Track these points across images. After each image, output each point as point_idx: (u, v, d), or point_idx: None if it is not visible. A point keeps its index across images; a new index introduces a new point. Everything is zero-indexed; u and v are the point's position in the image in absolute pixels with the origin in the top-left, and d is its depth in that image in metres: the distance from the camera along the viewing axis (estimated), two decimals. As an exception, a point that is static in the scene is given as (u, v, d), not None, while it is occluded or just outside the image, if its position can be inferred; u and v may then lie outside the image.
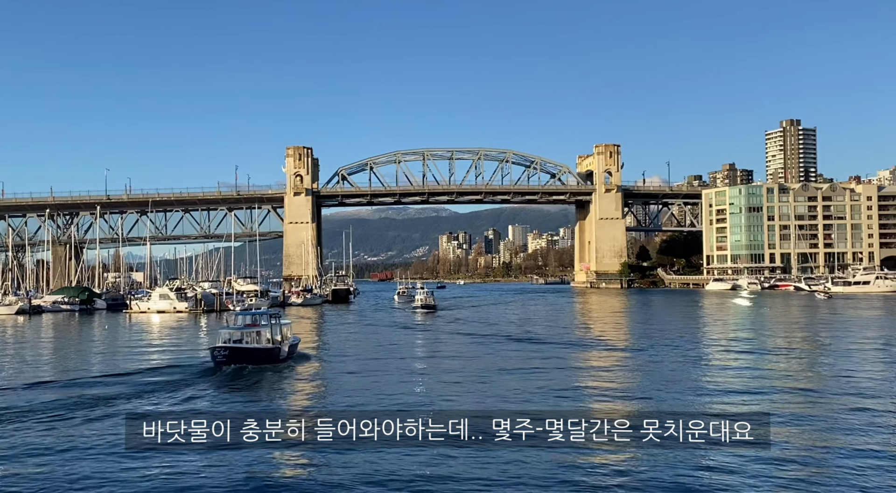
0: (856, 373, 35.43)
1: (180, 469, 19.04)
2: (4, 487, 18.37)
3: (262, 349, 38.44)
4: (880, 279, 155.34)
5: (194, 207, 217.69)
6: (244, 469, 19.10)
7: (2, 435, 23.52)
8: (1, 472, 19.55)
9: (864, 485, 18.52)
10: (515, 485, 17.88)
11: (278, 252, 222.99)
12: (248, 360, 37.72)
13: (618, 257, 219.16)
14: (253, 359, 37.85)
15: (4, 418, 26.01)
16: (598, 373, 37.54)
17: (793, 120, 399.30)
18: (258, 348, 38.36)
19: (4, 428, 24.47)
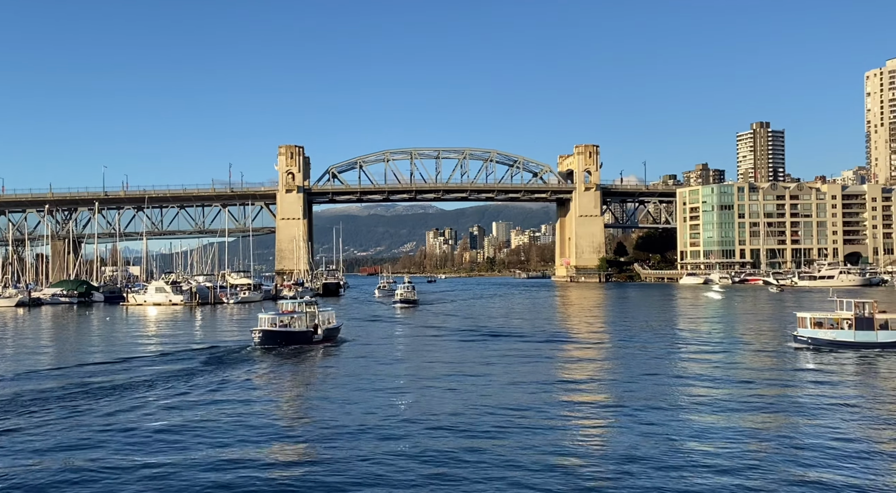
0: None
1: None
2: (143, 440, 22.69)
3: (298, 332, 45.78)
4: (843, 274, 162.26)
5: (189, 204, 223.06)
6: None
7: (129, 398, 29.69)
8: (161, 424, 24.37)
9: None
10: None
11: (271, 247, 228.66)
12: (286, 341, 44.96)
13: (596, 252, 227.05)
14: (289, 341, 45.14)
15: (135, 383, 32.97)
16: (575, 368, 37.73)
17: (762, 122, 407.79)
18: (294, 331, 45.70)
19: (129, 392, 31.02)
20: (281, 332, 45.41)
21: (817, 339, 43.54)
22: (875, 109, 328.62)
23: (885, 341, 41.89)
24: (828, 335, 43.20)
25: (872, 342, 41.94)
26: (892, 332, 42.24)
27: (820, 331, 43.65)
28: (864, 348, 41.52)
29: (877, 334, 42.12)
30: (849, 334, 42.56)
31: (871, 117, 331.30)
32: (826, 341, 43.04)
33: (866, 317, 42.67)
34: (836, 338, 42.82)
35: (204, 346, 48.73)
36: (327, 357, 43.28)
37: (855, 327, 42.51)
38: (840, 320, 43.21)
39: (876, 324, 42.41)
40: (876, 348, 41.57)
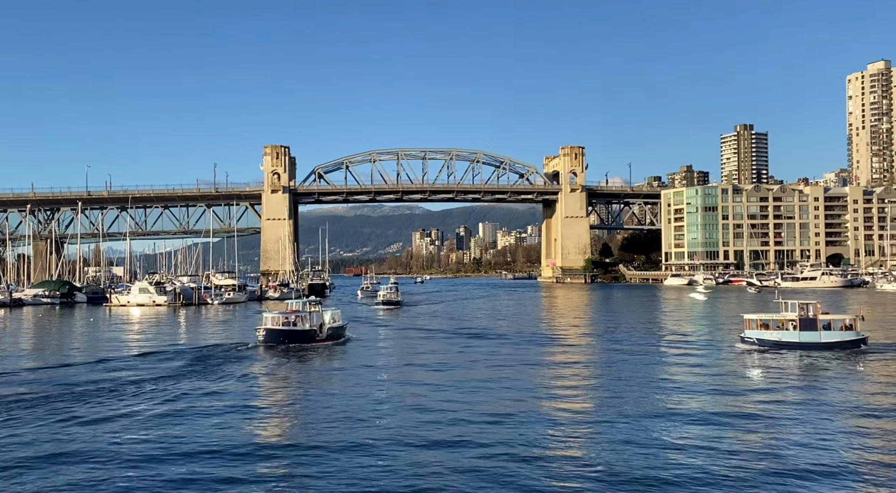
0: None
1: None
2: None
3: (301, 331, 47.41)
4: (826, 275, 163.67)
5: (173, 204, 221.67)
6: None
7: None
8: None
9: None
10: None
11: (256, 248, 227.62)
12: (289, 339, 46.72)
13: (582, 253, 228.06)
14: (293, 339, 46.82)
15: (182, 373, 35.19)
16: (560, 371, 37.58)
17: (746, 125, 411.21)
18: (297, 330, 47.40)
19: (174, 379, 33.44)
20: (285, 331, 47.05)
21: (763, 340, 44.16)
22: (857, 112, 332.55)
23: (828, 341, 42.63)
24: (773, 336, 43.79)
25: (816, 343, 42.61)
26: (834, 332, 43.07)
27: (766, 332, 44.27)
28: (808, 349, 42.15)
29: (820, 334, 42.80)
30: (793, 334, 43.16)
31: (852, 120, 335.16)
32: (771, 342, 43.64)
33: (810, 318, 43.32)
34: (781, 339, 43.39)
35: (186, 347, 48.66)
36: (318, 358, 43.21)
37: (799, 328, 43.13)
38: (785, 322, 43.81)
39: (819, 325, 43.10)
40: (819, 348, 42.26)
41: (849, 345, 42.58)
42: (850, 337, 42.97)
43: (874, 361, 39.32)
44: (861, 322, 44.57)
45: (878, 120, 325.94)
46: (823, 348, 42.30)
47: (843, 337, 42.89)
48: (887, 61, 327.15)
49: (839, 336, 42.89)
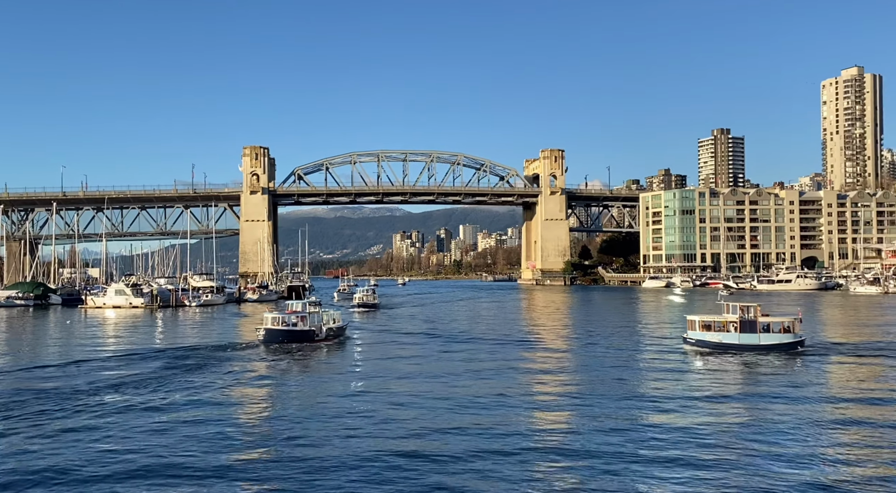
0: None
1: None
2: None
3: (301, 331, 49.06)
4: (801, 278, 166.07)
5: (151, 205, 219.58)
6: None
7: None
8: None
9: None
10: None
11: (234, 249, 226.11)
12: (289, 340, 48.45)
13: (562, 255, 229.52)
14: (293, 339, 48.53)
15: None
16: (539, 376, 37.33)
17: (723, 129, 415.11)
18: (297, 330, 49.03)
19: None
20: (284, 331, 48.86)
21: (705, 341, 44.84)
22: (831, 117, 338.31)
23: (767, 343, 43.42)
24: (714, 338, 44.48)
25: (755, 345, 43.31)
26: (773, 335, 43.88)
27: (707, 334, 44.93)
28: (747, 351, 42.84)
29: (759, 336, 43.56)
30: (734, 336, 43.84)
31: (826, 125, 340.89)
32: (713, 344, 44.30)
33: (750, 320, 44.02)
34: (722, 340, 44.07)
35: (163, 349, 48.32)
36: (295, 365, 42.97)
37: (739, 330, 43.78)
38: (726, 324, 44.51)
39: (759, 327, 43.83)
40: (759, 350, 42.98)
41: (787, 347, 43.46)
42: (788, 339, 43.84)
43: (810, 362, 40.17)
44: (799, 325, 45.47)
45: (851, 125, 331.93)
46: (762, 349, 43.03)
47: (782, 339, 43.73)
48: (860, 67, 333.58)
49: (778, 339, 43.70)
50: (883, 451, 21.90)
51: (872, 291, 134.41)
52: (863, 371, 37.87)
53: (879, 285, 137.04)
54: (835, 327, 66.14)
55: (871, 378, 35.71)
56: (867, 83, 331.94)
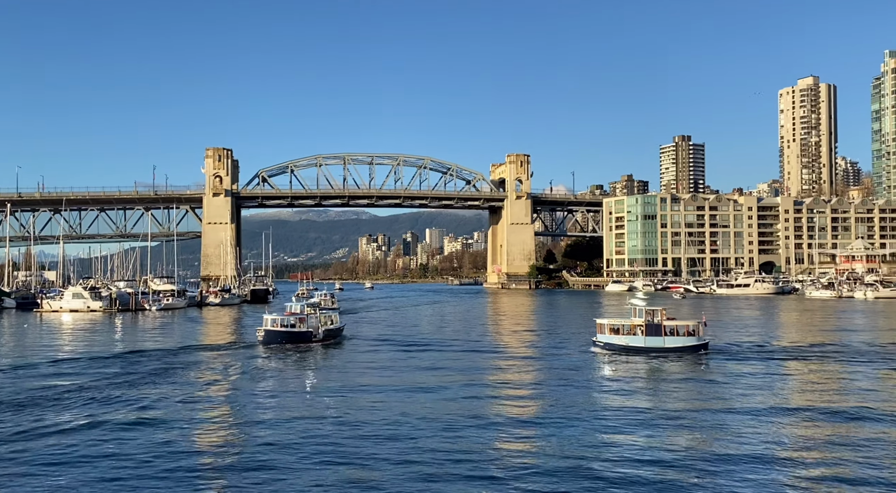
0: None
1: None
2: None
3: (299, 332, 51.11)
4: (759, 282, 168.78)
5: (110, 206, 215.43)
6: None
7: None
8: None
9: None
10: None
11: (196, 252, 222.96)
12: (287, 340, 50.45)
13: (527, 259, 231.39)
14: (291, 340, 50.51)
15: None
16: (500, 379, 37.08)
17: (684, 136, 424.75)
18: (295, 331, 51.04)
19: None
20: (283, 332, 50.88)
21: (612, 344, 45.85)
22: (788, 125, 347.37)
23: (672, 346, 44.53)
24: (622, 341, 45.53)
25: (661, 348, 44.34)
26: (678, 338, 45.02)
27: (615, 337, 45.97)
28: (653, 353, 43.87)
29: (664, 339, 44.62)
30: (640, 339, 44.89)
31: (784, 133, 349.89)
32: (620, 347, 45.34)
33: (656, 324, 45.06)
34: (629, 343, 45.12)
35: (120, 354, 47.68)
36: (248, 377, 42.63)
37: (645, 333, 44.83)
38: (633, 327, 45.49)
39: (664, 330, 44.88)
40: (664, 352, 44.02)
41: (691, 350, 44.65)
42: (693, 342, 45.04)
43: (712, 364, 41.30)
44: (704, 328, 46.72)
45: (807, 133, 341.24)
46: (667, 352, 44.06)
47: (686, 342, 44.91)
48: (816, 77, 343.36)
49: (682, 342, 44.87)
50: (759, 445, 23.18)
51: (827, 295, 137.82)
52: (757, 372, 38.95)
53: (833, 289, 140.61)
54: (753, 329, 68.10)
55: (763, 379, 36.83)
56: (822, 93, 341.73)
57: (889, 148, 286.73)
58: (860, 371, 39.41)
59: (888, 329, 67.47)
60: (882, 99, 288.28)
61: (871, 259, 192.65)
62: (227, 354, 48.61)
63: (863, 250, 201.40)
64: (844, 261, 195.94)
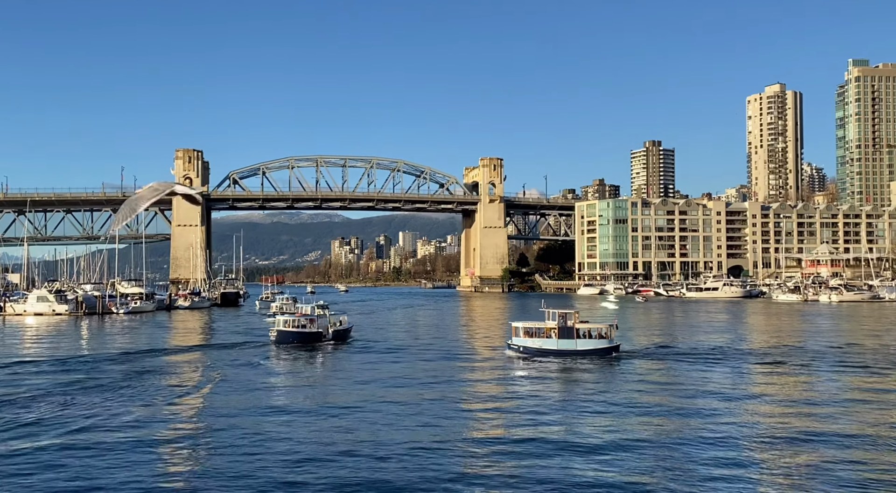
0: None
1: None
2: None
3: (309, 333, 54.00)
4: (727, 286, 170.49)
5: (77, 208, 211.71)
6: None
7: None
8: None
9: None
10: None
11: (165, 255, 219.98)
12: (299, 340, 53.34)
13: (500, 263, 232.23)
14: (302, 340, 53.43)
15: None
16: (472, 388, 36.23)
17: (655, 141, 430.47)
18: (306, 331, 53.97)
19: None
20: (294, 332, 53.85)
21: (527, 348, 46.15)
22: (755, 131, 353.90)
23: (584, 348, 45.13)
24: (535, 344, 45.86)
25: (573, 350, 44.90)
26: (590, 340, 45.61)
27: (529, 340, 46.26)
28: (566, 356, 44.34)
29: (576, 342, 45.19)
30: (553, 342, 45.31)
31: (751, 139, 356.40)
32: (534, 350, 45.65)
33: (568, 327, 45.61)
34: (542, 346, 45.47)
35: (84, 357, 46.98)
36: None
37: (558, 336, 45.31)
38: (547, 330, 45.93)
39: (576, 333, 45.47)
40: (576, 355, 44.58)
41: (602, 352, 45.20)
42: (604, 345, 45.61)
43: (622, 366, 42.03)
44: (615, 331, 47.29)
45: (774, 140, 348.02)
46: (579, 355, 44.59)
47: (597, 345, 45.46)
48: (782, 84, 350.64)
49: (593, 344, 45.42)
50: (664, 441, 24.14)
51: (793, 298, 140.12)
52: (662, 373, 39.78)
53: (800, 293, 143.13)
54: (673, 331, 69.59)
55: (667, 380, 37.59)
56: (789, 100, 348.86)
57: (853, 155, 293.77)
58: (758, 372, 40.66)
59: (817, 332, 69.04)
60: (846, 107, 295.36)
61: (836, 263, 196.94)
62: (241, 351, 50.69)
63: (827, 254, 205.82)
64: (810, 265, 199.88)
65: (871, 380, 37.79)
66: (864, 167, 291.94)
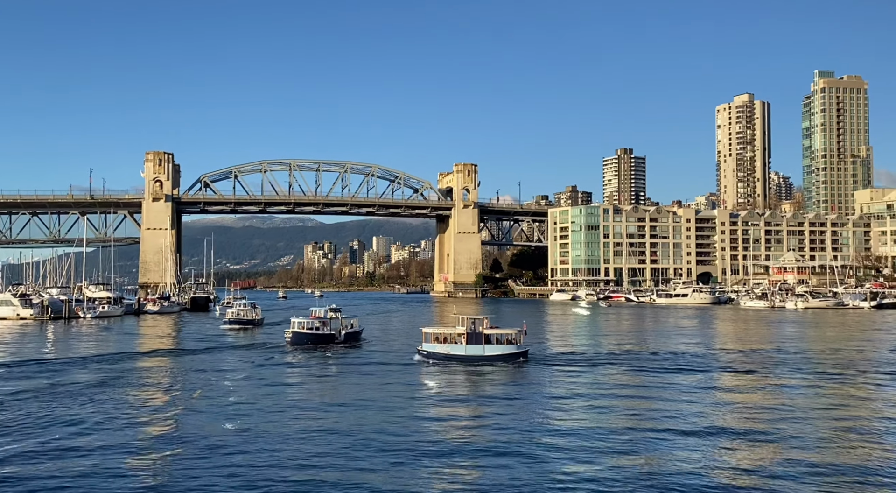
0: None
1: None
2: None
3: (323, 335, 57.47)
4: (696, 292, 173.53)
5: (43, 211, 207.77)
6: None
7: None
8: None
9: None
10: None
11: (135, 259, 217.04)
12: (313, 342, 56.64)
13: (474, 268, 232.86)
14: (315, 341, 56.69)
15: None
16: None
17: (626, 149, 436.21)
18: (319, 333, 57.48)
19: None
20: (308, 334, 57.18)
21: (435, 353, 46.41)
22: (724, 140, 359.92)
23: (492, 354, 45.49)
24: (443, 350, 46.15)
25: (481, 356, 45.17)
26: (497, 346, 46.07)
27: (438, 345, 46.57)
28: (473, 361, 44.56)
29: (484, 348, 45.54)
30: (461, 348, 45.61)
31: (720, 148, 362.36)
32: (442, 355, 45.88)
33: (477, 333, 45.98)
34: (451, 352, 45.79)
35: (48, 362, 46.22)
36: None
37: (466, 342, 45.61)
38: (455, 336, 46.28)
39: (484, 339, 45.80)
40: (484, 360, 44.83)
41: (510, 358, 45.59)
42: (512, 350, 46.04)
43: (529, 371, 42.49)
44: (524, 336, 47.80)
45: (742, 149, 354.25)
46: (487, 360, 44.85)
47: (505, 350, 45.86)
48: (751, 94, 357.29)
49: (501, 350, 45.86)
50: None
51: (760, 305, 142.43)
52: (564, 377, 40.47)
53: (767, 299, 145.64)
54: (586, 337, 70.85)
55: (573, 383, 38.39)
56: (757, 109, 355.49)
57: (818, 164, 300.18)
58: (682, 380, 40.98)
59: (758, 339, 70.66)
60: (812, 117, 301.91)
61: (802, 271, 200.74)
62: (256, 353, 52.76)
63: (794, 261, 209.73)
64: (777, 272, 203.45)
65: (812, 384, 38.80)
66: (830, 176, 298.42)
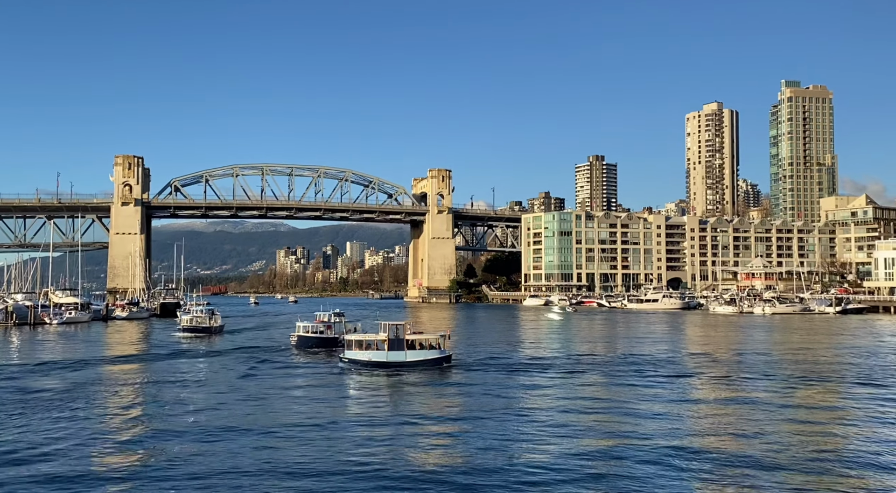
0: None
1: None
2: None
3: (326, 338, 59.58)
4: (666, 298, 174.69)
5: (8, 214, 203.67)
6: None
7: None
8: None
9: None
10: None
11: (103, 264, 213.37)
12: (317, 345, 58.67)
13: (448, 273, 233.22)
14: (320, 344, 58.73)
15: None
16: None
17: (598, 156, 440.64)
18: (323, 337, 59.73)
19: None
20: (313, 337, 59.45)
21: (356, 360, 45.78)
22: (694, 148, 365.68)
23: (414, 359, 44.89)
24: (365, 356, 45.44)
25: (402, 362, 44.62)
26: (419, 351, 45.40)
27: (359, 352, 45.88)
28: (395, 368, 43.98)
29: (406, 353, 44.95)
30: (382, 354, 44.95)
31: (690, 156, 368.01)
32: (363, 362, 45.26)
33: (398, 338, 45.42)
34: (372, 358, 45.06)
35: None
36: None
37: (388, 348, 45.02)
38: (377, 342, 45.71)
39: (406, 345, 45.25)
40: (406, 366, 44.21)
41: (433, 363, 45.08)
42: (434, 356, 45.52)
43: (451, 376, 42.43)
44: (447, 341, 47.28)
45: (711, 156, 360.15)
46: (409, 366, 44.24)
47: (428, 356, 45.27)
48: (720, 103, 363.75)
49: (423, 355, 45.22)
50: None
51: (729, 310, 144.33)
52: (490, 382, 40.38)
53: (735, 304, 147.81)
54: (520, 343, 71.30)
55: (500, 388, 38.32)
56: (726, 118, 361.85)
57: (785, 172, 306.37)
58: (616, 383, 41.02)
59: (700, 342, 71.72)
60: (779, 125, 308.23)
61: (769, 276, 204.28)
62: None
63: (761, 267, 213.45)
64: (745, 278, 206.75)
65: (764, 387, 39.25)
66: (796, 184, 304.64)
